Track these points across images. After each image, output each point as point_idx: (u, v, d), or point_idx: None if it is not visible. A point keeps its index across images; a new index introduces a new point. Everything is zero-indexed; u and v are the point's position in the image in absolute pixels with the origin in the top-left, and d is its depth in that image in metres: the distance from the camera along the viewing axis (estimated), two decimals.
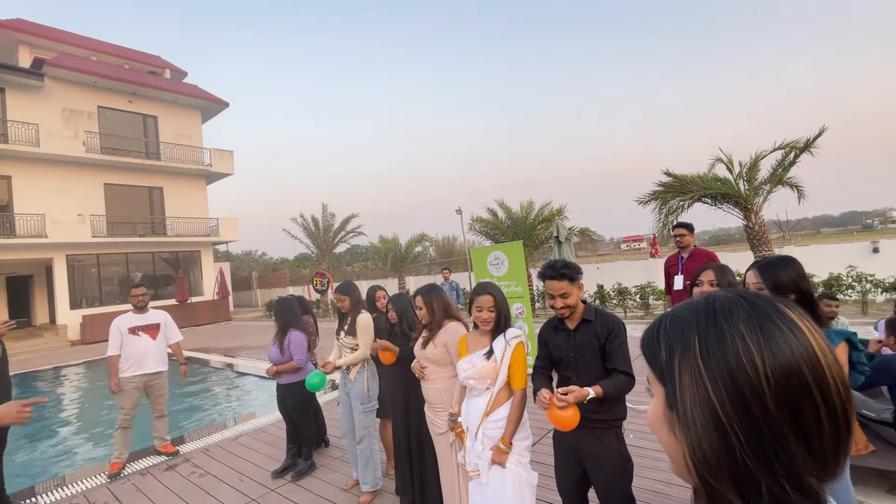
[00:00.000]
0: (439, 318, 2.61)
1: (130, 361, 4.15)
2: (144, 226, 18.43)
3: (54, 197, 16.06)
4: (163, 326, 4.39)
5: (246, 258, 45.72)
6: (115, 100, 18.17)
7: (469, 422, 2.19)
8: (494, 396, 2.12)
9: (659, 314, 4.44)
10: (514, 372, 2.13)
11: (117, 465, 3.97)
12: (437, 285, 2.79)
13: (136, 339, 4.19)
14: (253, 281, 27.55)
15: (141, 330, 4.23)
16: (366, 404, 3.22)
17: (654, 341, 0.51)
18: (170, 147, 19.19)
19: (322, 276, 16.52)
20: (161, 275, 19.17)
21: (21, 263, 16.58)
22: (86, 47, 19.32)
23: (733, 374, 0.43)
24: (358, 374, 3.25)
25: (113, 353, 4.16)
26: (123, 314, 4.32)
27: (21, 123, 15.47)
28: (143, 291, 4.40)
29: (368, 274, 23.04)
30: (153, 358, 4.24)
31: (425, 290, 2.68)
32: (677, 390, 0.46)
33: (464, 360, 2.23)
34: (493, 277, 6.31)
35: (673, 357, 0.47)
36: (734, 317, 0.46)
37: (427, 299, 2.62)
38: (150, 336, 4.27)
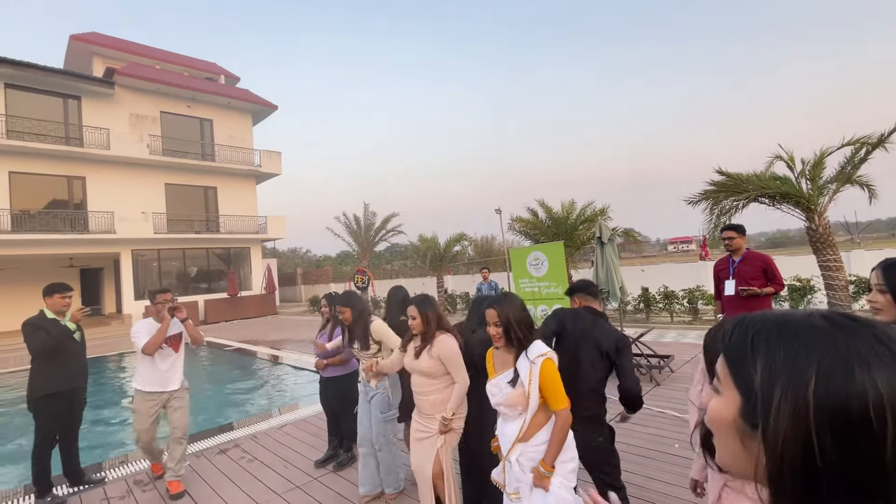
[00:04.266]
0: (433, 330, 2.56)
1: (152, 377, 3.59)
2: (200, 223, 19.58)
3: (122, 196, 17.39)
4: (184, 335, 3.86)
5: (291, 255, 47.56)
6: (176, 105, 19.40)
7: (504, 446, 2.04)
8: (528, 422, 1.93)
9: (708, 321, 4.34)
10: (548, 394, 1.91)
11: (160, 467, 3.78)
12: (431, 296, 2.76)
13: (160, 353, 3.61)
14: (297, 277, 28.62)
15: (165, 342, 3.64)
16: (385, 413, 3.11)
17: (747, 351, 0.46)
18: (223, 149, 20.28)
19: (363, 273, 16.91)
20: (214, 270, 20.30)
21: (93, 257, 18.07)
22: (150, 56, 20.75)
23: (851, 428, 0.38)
24: (380, 382, 3.11)
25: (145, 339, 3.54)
26: (144, 320, 3.72)
27: (94, 128, 16.87)
28: (168, 297, 3.80)
29: (407, 272, 23.36)
30: (177, 374, 3.72)
31: (420, 300, 2.64)
32: (770, 418, 0.42)
33: (491, 383, 2.05)
34: (532, 278, 6.24)
35: (774, 383, 0.43)
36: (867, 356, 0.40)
37: (422, 309, 2.58)
38: (174, 349, 3.72)
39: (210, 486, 3.60)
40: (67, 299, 3.66)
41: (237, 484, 3.59)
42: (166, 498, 3.43)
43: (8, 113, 15.41)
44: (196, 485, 3.63)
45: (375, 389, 3.12)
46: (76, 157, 16.60)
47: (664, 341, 7.88)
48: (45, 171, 16.18)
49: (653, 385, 5.31)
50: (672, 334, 8.64)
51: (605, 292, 6.97)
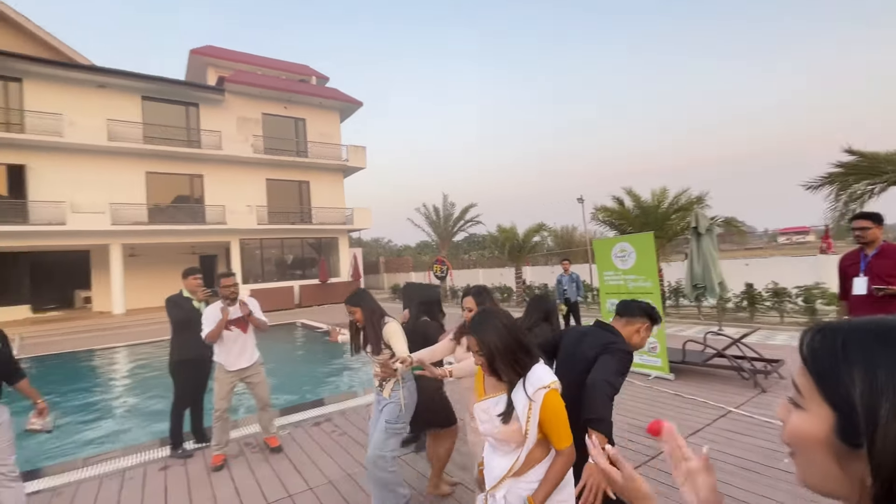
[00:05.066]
0: None
1: (223, 355, 3.91)
2: (295, 215, 21.35)
3: (232, 191, 19.53)
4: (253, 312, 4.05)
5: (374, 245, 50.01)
6: (274, 107, 21.22)
7: (489, 479, 1.70)
8: (524, 459, 1.60)
9: None
10: (551, 431, 1.56)
11: (219, 458, 3.82)
12: (488, 287, 2.66)
13: (229, 335, 3.90)
14: (380, 266, 30.07)
15: (232, 324, 3.93)
16: (393, 423, 2.69)
17: (838, 360, 0.42)
18: (315, 145, 21.83)
19: (442, 263, 17.26)
20: (307, 258, 22.06)
21: (209, 245, 20.57)
22: (253, 63, 22.87)
23: None
24: (393, 391, 2.75)
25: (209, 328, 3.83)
26: (214, 305, 3.99)
27: (209, 132, 19.09)
28: (231, 282, 4.01)
29: (485, 262, 23.41)
30: (248, 352, 3.99)
31: (477, 291, 2.55)
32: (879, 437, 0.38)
33: (479, 406, 1.72)
34: (617, 271, 5.92)
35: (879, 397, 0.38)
36: None
37: (479, 301, 2.50)
38: (241, 330, 3.98)
39: (306, 453, 3.96)
40: (199, 281, 4.27)
41: (329, 454, 3.91)
42: (270, 458, 3.84)
43: (144, 121, 17.99)
44: (294, 450, 4.01)
45: (388, 399, 2.75)
46: (196, 158, 18.93)
47: (772, 344, 7.05)
48: (172, 170, 18.68)
49: (758, 391, 4.80)
50: (782, 336, 7.70)
51: (700, 288, 6.41)
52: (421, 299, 3.48)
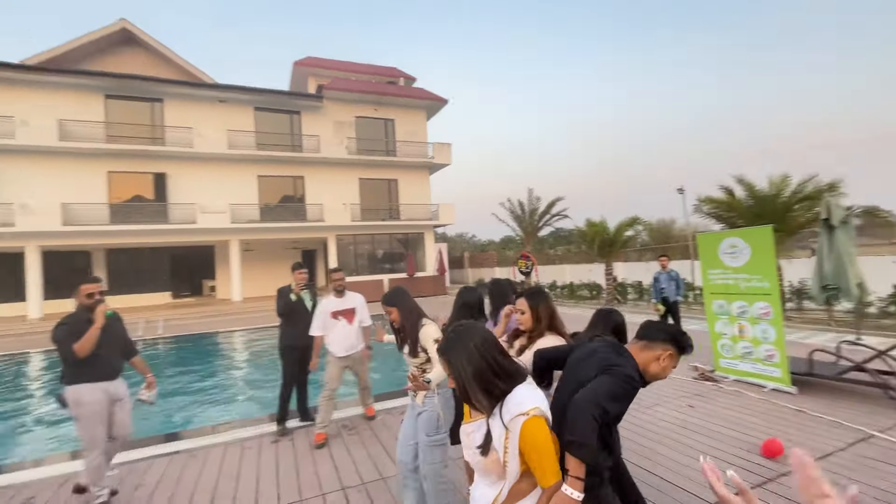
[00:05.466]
0: (543, 328, 2.28)
1: (334, 344, 4.29)
2: (384, 212, 22.46)
3: (328, 190, 21.12)
4: (358, 310, 4.41)
5: (459, 239, 50.74)
6: (366, 109, 22.45)
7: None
8: (506, 492, 1.40)
9: None
10: (533, 464, 1.34)
11: (322, 437, 4.11)
12: (545, 290, 2.47)
13: (337, 324, 4.29)
14: (464, 260, 30.43)
15: (340, 314, 4.31)
16: (432, 436, 2.54)
17: None
18: (402, 144, 22.72)
19: (527, 258, 16.98)
20: (395, 252, 23.09)
21: (309, 241, 22.48)
22: (347, 70, 24.39)
23: None
24: (427, 398, 2.60)
25: (315, 334, 4.27)
26: (328, 298, 4.39)
27: (309, 136, 20.80)
28: (340, 276, 4.41)
29: (572, 258, 22.53)
30: (353, 339, 4.35)
31: (532, 293, 2.38)
32: None
33: (463, 429, 1.55)
34: (726, 269, 5.34)
35: None
36: None
37: (533, 303, 2.32)
38: (347, 320, 4.35)
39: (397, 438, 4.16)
40: (303, 275, 4.66)
41: None
42: (365, 441, 4.10)
43: (257, 130, 20.13)
44: (386, 436, 4.22)
45: (423, 406, 2.61)
46: (298, 161, 20.75)
47: None
48: (279, 173, 20.69)
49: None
50: None
51: (832, 289, 5.52)
52: (462, 302, 3.20)
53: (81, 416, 3.01)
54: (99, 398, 3.05)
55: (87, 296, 3.16)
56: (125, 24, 19.61)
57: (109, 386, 3.13)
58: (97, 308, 3.10)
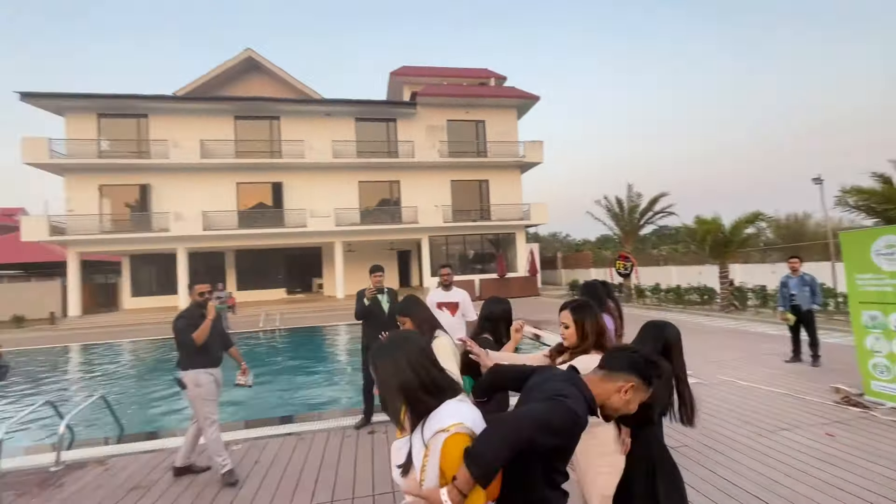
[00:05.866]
0: (589, 346, 2.01)
1: None
2: (475, 212, 22.67)
3: (421, 193, 21.93)
4: (461, 304, 4.76)
5: (552, 239, 49.29)
6: (457, 112, 22.87)
7: None
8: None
9: None
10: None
11: None
12: (592, 303, 2.17)
13: (441, 314, 4.60)
14: (558, 261, 29.46)
15: (444, 306, 4.68)
16: None
17: None
18: (493, 145, 22.74)
19: (625, 259, 15.90)
20: (486, 253, 23.18)
21: (404, 242, 23.53)
22: (439, 75, 25.08)
23: None
24: None
25: None
26: (436, 290, 4.91)
27: (404, 142, 21.79)
28: (447, 271, 4.90)
29: (678, 259, 20.57)
30: (456, 331, 4.65)
31: (579, 305, 2.12)
32: None
33: (392, 444, 1.46)
34: (880, 273, 4.45)
35: None
36: None
37: (578, 316, 2.06)
38: (450, 312, 4.67)
39: None
40: (378, 278, 4.87)
41: None
42: None
43: (357, 139, 21.66)
44: None
45: None
46: (394, 166, 21.88)
47: None
48: (376, 178, 22.03)
49: None
50: None
51: None
52: (485, 313, 2.98)
53: (199, 397, 3.52)
54: (211, 381, 3.57)
55: (200, 294, 3.72)
56: (250, 54, 22.39)
57: (215, 371, 3.65)
58: (208, 304, 3.65)
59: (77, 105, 19.24)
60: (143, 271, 21.69)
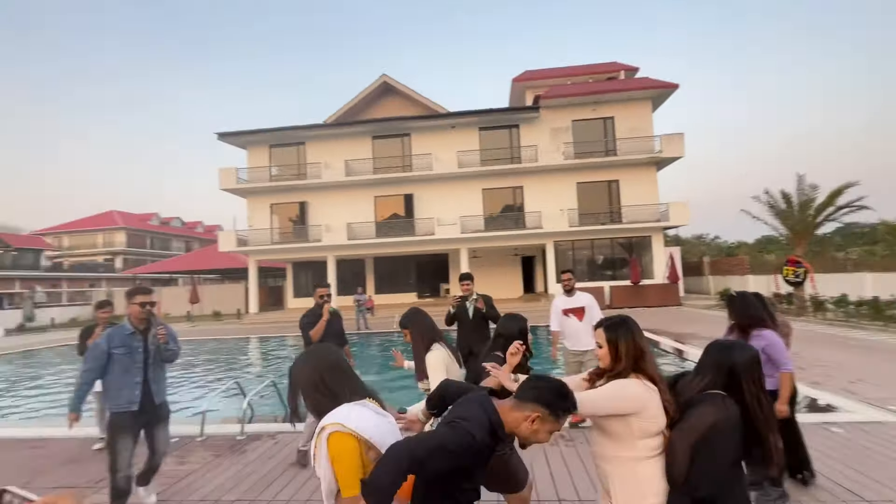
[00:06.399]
0: (625, 368, 1.76)
1: (568, 339, 4.78)
2: (604, 215, 21.33)
3: (546, 197, 21.47)
4: (587, 309, 4.71)
5: (696, 242, 43.70)
6: (583, 111, 21.89)
7: None
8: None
9: None
10: (338, 475, 1.42)
11: (576, 418, 4.58)
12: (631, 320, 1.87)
13: (567, 320, 4.74)
14: (704, 266, 25.96)
15: (570, 312, 4.72)
16: None
17: None
18: (624, 142, 21.16)
19: (796, 263, 13.31)
20: (617, 258, 21.60)
21: (528, 248, 23.27)
22: (563, 75, 24.36)
23: None
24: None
25: (553, 329, 4.89)
26: (559, 296, 4.94)
27: (527, 147, 21.64)
28: (569, 277, 4.87)
29: (876, 264, 16.42)
30: (584, 336, 4.59)
31: (613, 324, 1.86)
32: None
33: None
34: None
35: None
36: None
37: (612, 336, 1.82)
38: (577, 317, 4.68)
39: None
40: (465, 285, 5.03)
41: None
42: (564, 454, 3.97)
43: (481, 147, 22.21)
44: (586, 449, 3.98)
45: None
46: (517, 172, 21.86)
47: None
48: (499, 185, 22.26)
49: None
50: None
51: None
52: (499, 330, 2.79)
53: None
54: None
55: (319, 297, 4.32)
56: (385, 79, 24.67)
57: None
58: (324, 306, 4.23)
59: (255, 139, 23.48)
60: (301, 275, 25.34)
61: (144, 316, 3.22)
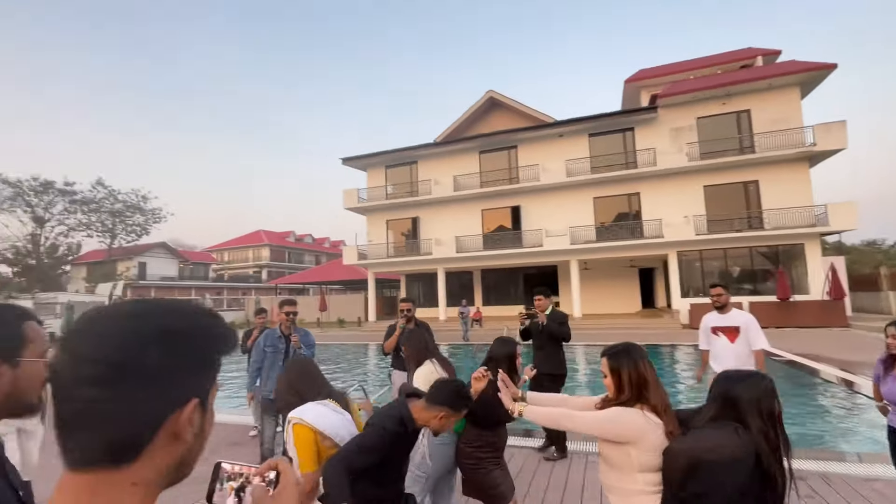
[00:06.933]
0: (629, 398, 1.79)
1: (715, 360, 4.22)
2: (740, 221, 18.75)
3: (667, 203, 19.64)
4: (743, 330, 4.08)
5: (868, 250, 35.94)
6: (710, 107, 19.66)
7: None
8: None
9: None
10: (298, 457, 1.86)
11: None
12: (635, 349, 1.88)
13: (716, 339, 4.22)
14: (880, 280, 21.16)
15: (720, 331, 4.20)
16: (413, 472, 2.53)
17: None
18: (763, 136, 18.45)
19: None
20: (758, 270, 18.76)
21: (646, 259, 21.46)
22: (684, 70, 22.25)
23: None
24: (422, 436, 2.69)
25: (702, 348, 4.43)
26: (710, 312, 4.40)
27: (643, 151, 20.10)
28: (719, 291, 4.26)
29: None
30: (732, 361, 3.96)
31: (616, 352, 1.88)
32: None
33: None
34: None
35: None
36: None
37: (616, 363, 1.85)
38: (728, 338, 4.14)
39: None
40: (539, 300, 5.02)
41: None
42: None
43: (591, 155, 21.27)
44: None
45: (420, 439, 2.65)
46: (633, 178, 20.42)
47: None
48: (612, 192, 20.99)
49: None
50: None
51: None
52: (490, 354, 2.76)
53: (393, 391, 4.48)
54: (401, 379, 4.27)
55: (401, 311, 4.68)
56: (492, 94, 25.13)
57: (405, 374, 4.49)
58: (399, 321, 4.64)
59: (373, 161, 25.63)
60: (414, 286, 26.74)
61: (288, 322, 4.15)
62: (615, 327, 17.61)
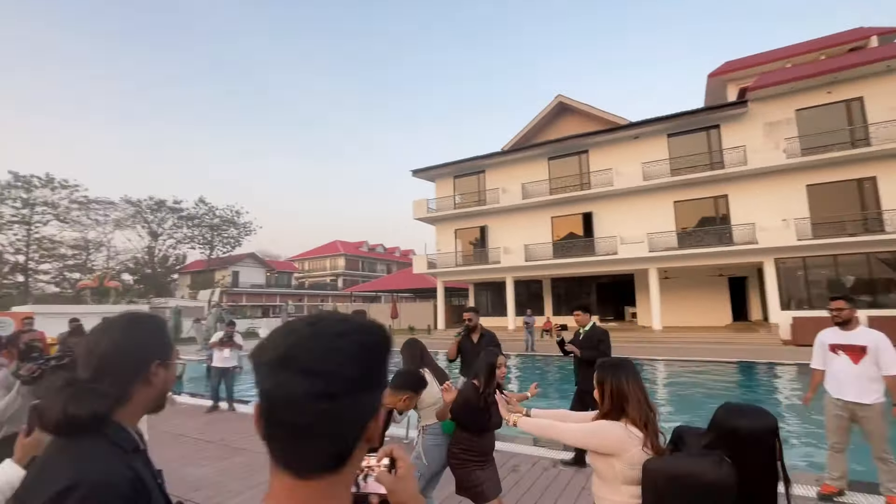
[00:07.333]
0: (609, 410, 1.84)
1: (830, 382, 3.75)
2: (854, 223, 16.44)
3: (761, 206, 17.78)
4: (871, 350, 3.51)
5: None
6: (811, 97, 17.58)
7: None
8: None
9: None
10: None
11: (828, 489, 3.68)
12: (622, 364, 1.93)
13: (835, 359, 3.69)
14: None
15: (840, 349, 3.66)
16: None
17: None
18: (881, 127, 16.09)
19: None
20: (879, 279, 16.27)
21: (737, 267, 19.52)
22: (779, 58, 20.14)
23: None
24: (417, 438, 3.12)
25: (815, 367, 3.90)
26: (829, 328, 3.87)
27: (732, 149, 18.42)
28: (840, 305, 3.71)
29: None
30: (853, 385, 3.54)
31: (603, 365, 1.95)
32: None
33: None
34: None
35: None
36: None
37: (600, 377, 1.90)
38: (851, 358, 3.58)
39: None
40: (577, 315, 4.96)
41: None
42: None
43: (670, 156, 19.92)
44: None
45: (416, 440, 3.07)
46: (719, 179, 18.76)
47: None
48: (696, 196, 19.43)
49: None
50: None
51: None
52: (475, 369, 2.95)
53: None
54: None
55: (462, 320, 4.82)
56: (561, 98, 24.60)
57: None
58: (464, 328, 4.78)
59: (441, 172, 26.12)
60: (482, 295, 26.69)
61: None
62: (703, 341, 16.20)
